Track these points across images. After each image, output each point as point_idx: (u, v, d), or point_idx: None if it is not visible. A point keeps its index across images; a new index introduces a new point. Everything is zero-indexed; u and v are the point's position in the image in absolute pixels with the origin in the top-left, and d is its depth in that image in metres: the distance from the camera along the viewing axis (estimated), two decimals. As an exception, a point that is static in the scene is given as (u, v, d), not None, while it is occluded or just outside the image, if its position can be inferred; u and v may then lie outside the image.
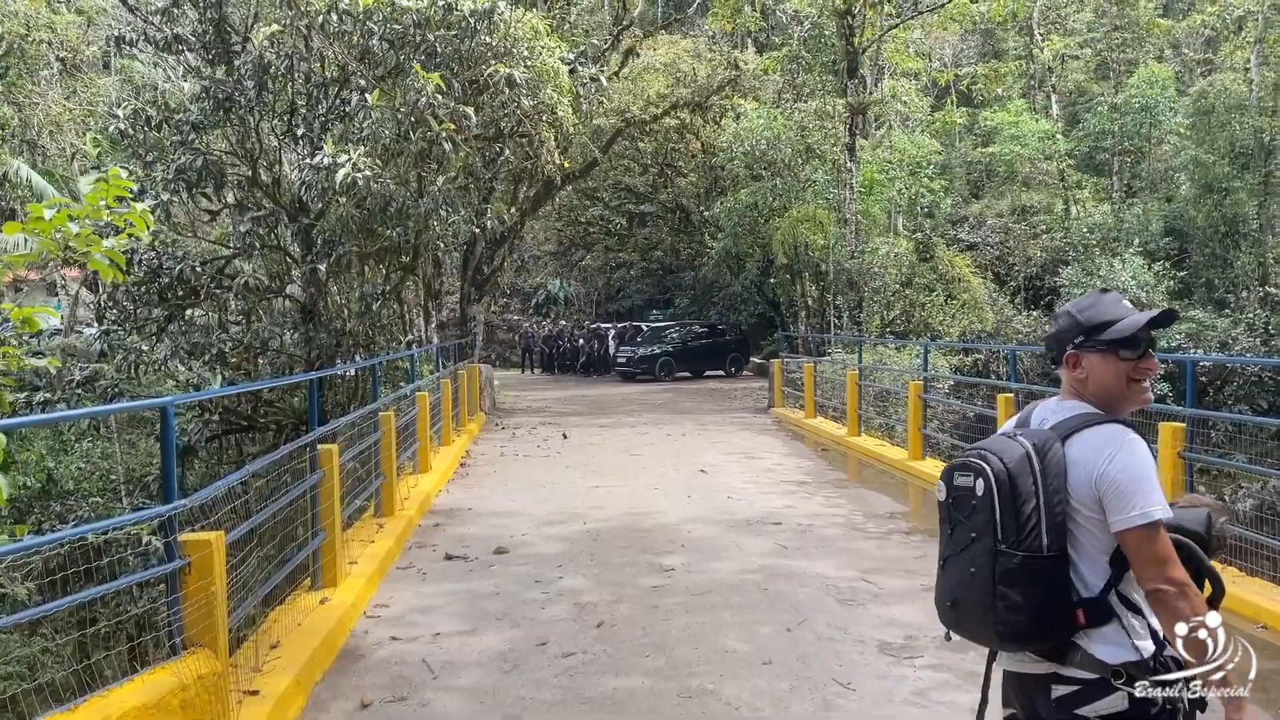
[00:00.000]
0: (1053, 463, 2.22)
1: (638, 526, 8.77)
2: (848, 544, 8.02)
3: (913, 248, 25.30)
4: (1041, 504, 2.18)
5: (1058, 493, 2.20)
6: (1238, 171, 27.37)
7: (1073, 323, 2.37)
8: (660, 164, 31.23)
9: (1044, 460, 2.22)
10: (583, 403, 22.30)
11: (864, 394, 15.18)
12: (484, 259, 20.86)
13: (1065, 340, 2.37)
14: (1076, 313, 2.38)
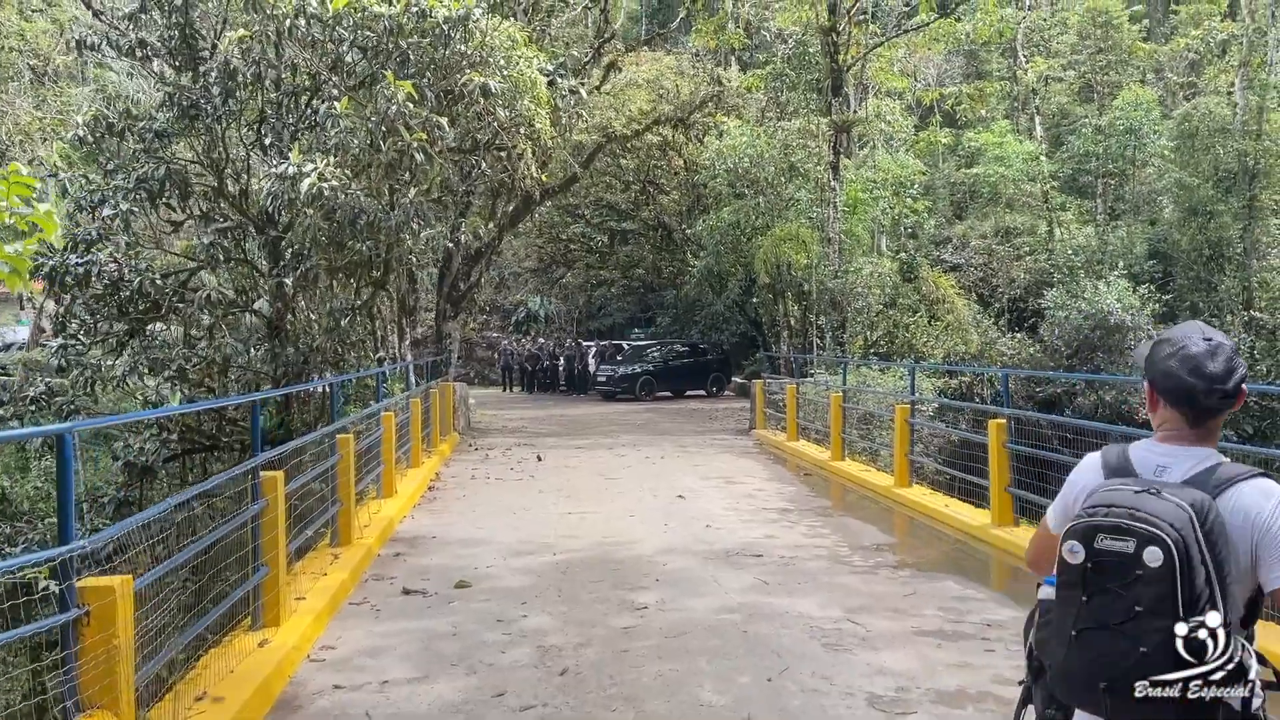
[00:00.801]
0: (1216, 526, 2.05)
1: (611, 558, 8.28)
2: (832, 579, 7.55)
3: (896, 268, 25.03)
4: (1211, 574, 2.02)
5: (1225, 562, 2.05)
6: (1222, 195, 27.27)
7: (1238, 363, 2.23)
8: (642, 181, 30.89)
9: (1205, 524, 2.04)
10: (561, 423, 21.80)
11: (847, 417, 14.76)
12: (460, 275, 20.37)
13: (1239, 381, 2.22)
14: (1235, 352, 2.24)
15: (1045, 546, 2.44)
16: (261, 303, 14.77)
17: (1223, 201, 27.18)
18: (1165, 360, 2.23)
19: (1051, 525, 2.42)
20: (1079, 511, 2.14)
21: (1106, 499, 2.12)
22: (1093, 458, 2.37)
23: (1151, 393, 2.30)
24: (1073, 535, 2.11)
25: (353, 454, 8.46)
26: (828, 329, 23.53)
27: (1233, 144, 27.08)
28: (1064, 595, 2.13)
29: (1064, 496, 2.40)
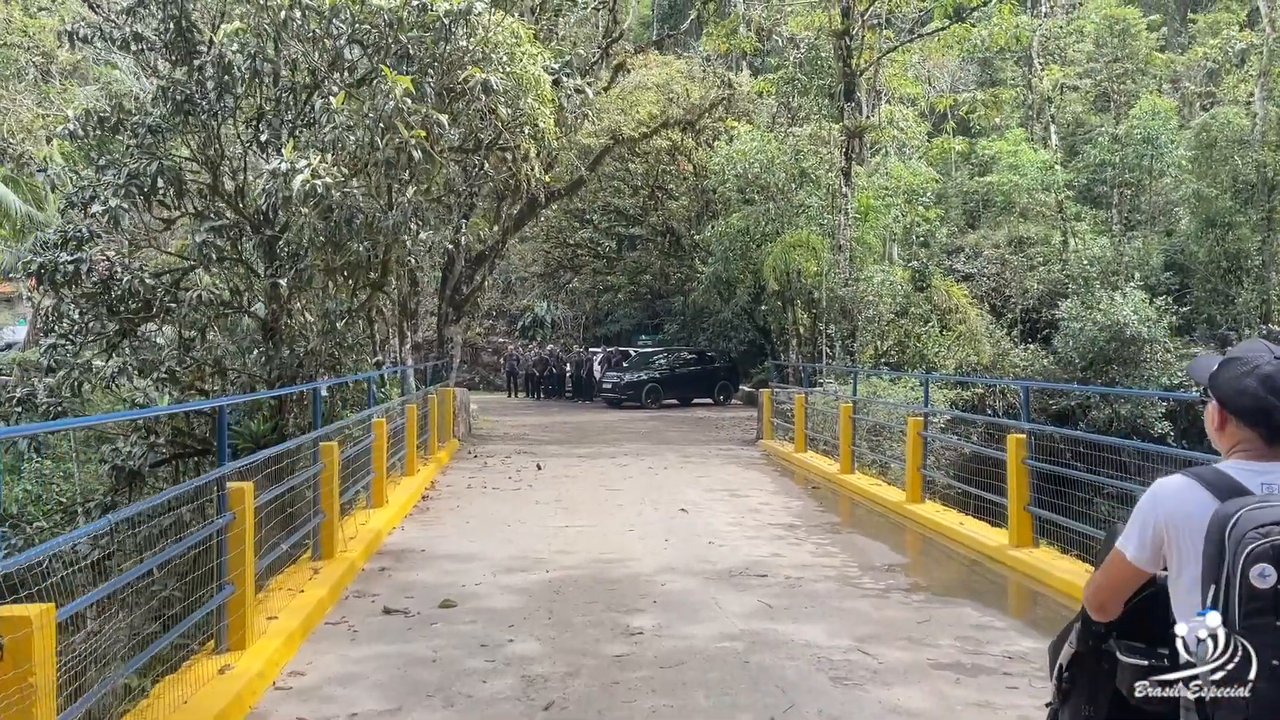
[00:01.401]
0: None
1: (606, 576, 7.85)
2: (841, 603, 7.10)
3: (908, 277, 24.56)
4: None
5: None
6: (1240, 206, 26.75)
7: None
8: (651, 186, 30.53)
9: None
10: (564, 430, 21.38)
11: (857, 428, 14.31)
12: (463, 278, 19.99)
13: None
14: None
15: (1121, 581, 2.31)
16: (258, 304, 14.42)
17: (1241, 213, 26.67)
18: (1240, 380, 2.19)
19: (1133, 558, 2.27)
20: (1251, 532, 2.01)
21: (1270, 517, 2.01)
22: (1181, 483, 2.22)
23: (1221, 412, 2.24)
24: (1261, 559, 1.99)
25: (337, 462, 8.04)
26: (837, 338, 23.08)
27: (1252, 155, 26.55)
28: (1251, 625, 2.01)
29: (1145, 526, 2.25)
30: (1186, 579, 2.18)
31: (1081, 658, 2.48)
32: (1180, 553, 2.19)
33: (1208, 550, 2.09)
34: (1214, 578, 2.06)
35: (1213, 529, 2.08)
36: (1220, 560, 2.05)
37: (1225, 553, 2.04)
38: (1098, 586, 2.35)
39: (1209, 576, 2.08)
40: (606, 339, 37.96)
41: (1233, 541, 2.03)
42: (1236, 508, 2.07)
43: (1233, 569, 2.02)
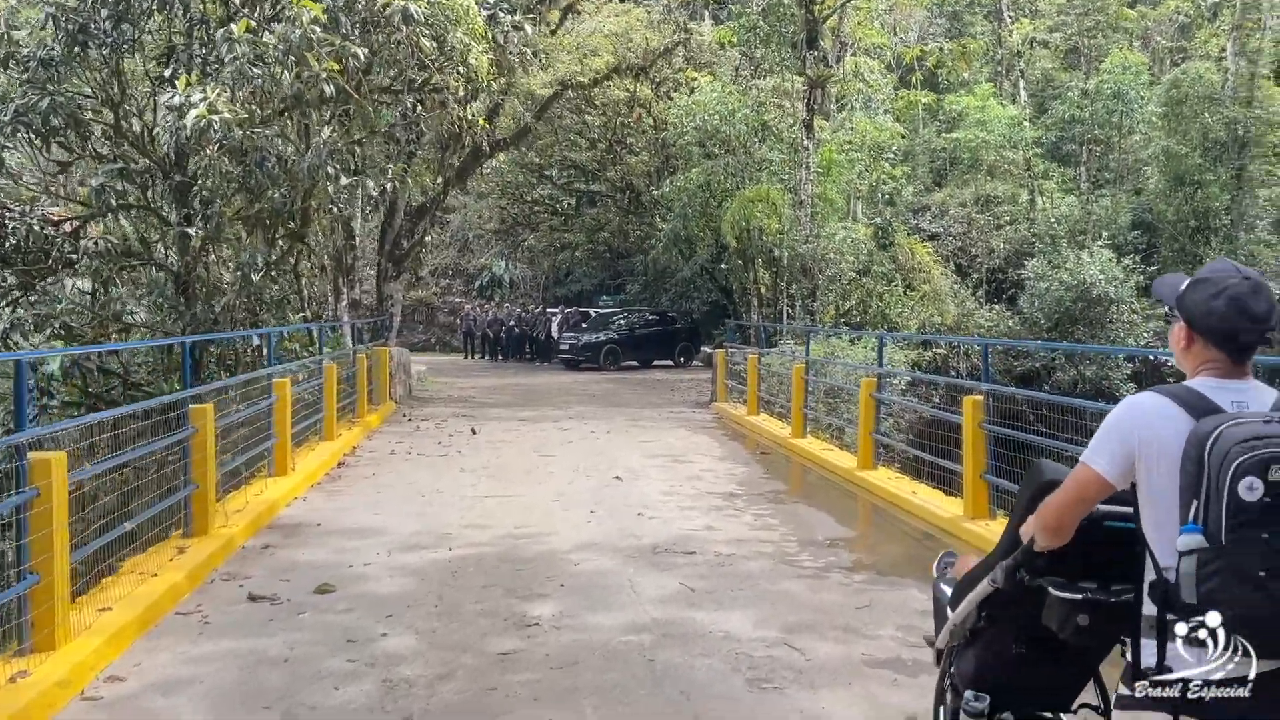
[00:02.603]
0: None
1: (516, 555, 7.01)
2: (773, 584, 6.31)
3: (871, 234, 23.77)
4: None
5: None
6: (1210, 164, 26.09)
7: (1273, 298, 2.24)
8: (609, 140, 29.40)
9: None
10: (513, 392, 20.48)
11: (812, 390, 13.54)
12: (404, 232, 18.94)
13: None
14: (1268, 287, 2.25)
15: (1088, 498, 2.27)
16: (172, 256, 13.38)
17: (1211, 171, 26.02)
18: (1209, 301, 2.20)
19: (1104, 471, 2.23)
20: (1235, 448, 2.02)
21: (1249, 433, 2.05)
22: (1157, 400, 2.21)
23: (1189, 332, 2.26)
24: (1248, 472, 2.02)
25: (212, 427, 7.12)
26: (798, 297, 22.29)
27: (1222, 111, 25.90)
28: (1240, 537, 2.03)
29: (1119, 442, 2.22)
30: (1158, 495, 2.16)
31: (1002, 595, 2.45)
32: (1152, 470, 2.17)
33: (1187, 467, 2.08)
34: (1195, 493, 2.06)
35: (1191, 446, 2.08)
36: (1200, 476, 2.05)
37: (1205, 469, 2.05)
38: (1060, 505, 2.27)
39: (1189, 493, 2.07)
40: (567, 299, 36.95)
41: (1215, 457, 2.04)
42: (1214, 425, 2.08)
43: (1218, 483, 2.03)
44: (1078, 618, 2.30)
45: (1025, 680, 2.68)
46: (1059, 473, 2.47)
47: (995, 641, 2.63)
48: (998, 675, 2.66)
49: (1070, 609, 2.31)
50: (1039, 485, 2.47)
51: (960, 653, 2.77)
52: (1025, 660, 2.62)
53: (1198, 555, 2.04)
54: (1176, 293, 2.28)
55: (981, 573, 2.58)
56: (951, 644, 2.80)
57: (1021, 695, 2.70)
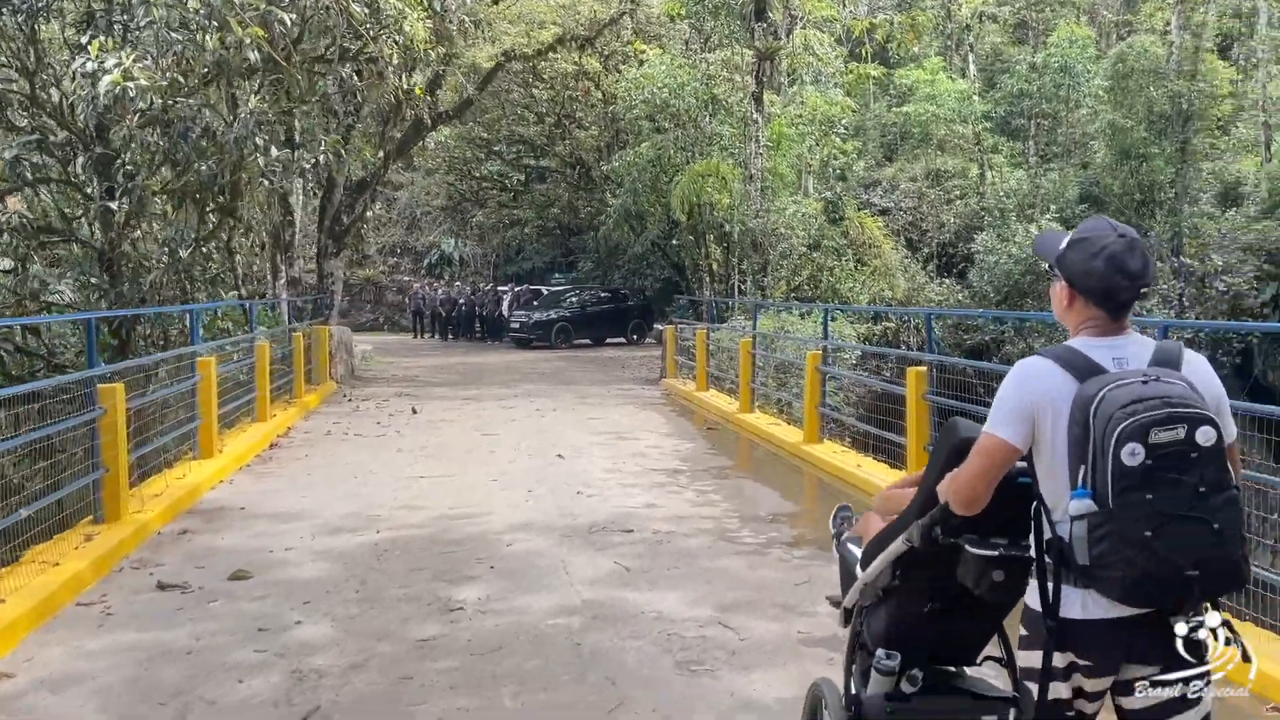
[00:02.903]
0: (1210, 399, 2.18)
1: (447, 536, 6.74)
2: (711, 561, 6.12)
3: (822, 209, 23.66)
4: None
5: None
6: (1155, 138, 26.29)
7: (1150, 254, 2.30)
8: (558, 114, 28.96)
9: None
10: (460, 371, 20.12)
11: (762, 365, 13.38)
12: (344, 207, 18.44)
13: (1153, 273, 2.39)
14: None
15: (999, 467, 2.25)
16: (96, 231, 12.84)
17: (1156, 145, 26.21)
18: (1089, 260, 2.23)
19: (1010, 438, 2.23)
20: (1117, 413, 2.06)
21: (1130, 395, 2.08)
22: (1044, 364, 2.24)
23: (1070, 291, 2.28)
24: (1130, 438, 2.05)
25: (122, 408, 6.75)
26: (750, 272, 22.14)
27: (1167, 85, 26.05)
28: (1126, 501, 2.07)
29: (1016, 407, 2.24)
30: (1050, 459, 2.20)
31: (916, 554, 2.46)
32: (1045, 433, 2.19)
33: (1074, 431, 2.11)
34: (1082, 458, 2.10)
35: (1077, 410, 2.12)
36: (1086, 440, 2.09)
37: (1091, 432, 2.08)
38: (971, 477, 2.25)
39: (1077, 457, 2.11)
40: (518, 277, 36.49)
41: (1100, 422, 2.07)
42: (1098, 388, 2.11)
43: (1103, 448, 2.06)
44: (993, 574, 2.32)
45: (937, 636, 2.72)
46: (974, 430, 2.47)
47: (908, 599, 2.64)
48: (909, 633, 2.67)
49: (985, 565, 2.32)
50: (954, 444, 2.45)
51: (871, 611, 2.78)
52: (937, 617, 2.65)
53: (1089, 519, 2.09)
54: (1056, 252, 2.30)
55: (895, 532, 2.58)
56: (862, 603, 2.81)
57: (932, 651, 2.74)
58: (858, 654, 2.87)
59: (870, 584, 2.71)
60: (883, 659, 2.64)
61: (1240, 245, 23.97)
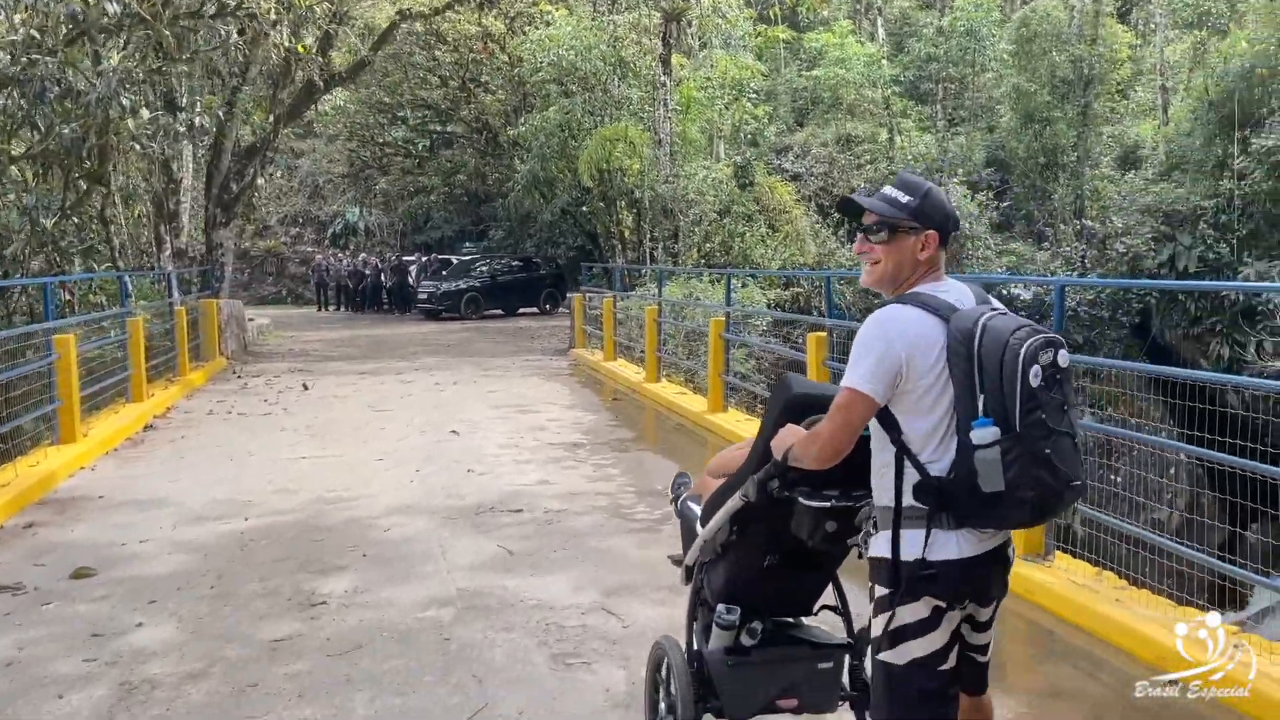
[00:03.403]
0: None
1: (320, 523, 6.30)
2: (601, 541, 5.81)
3: (733, 174, 23.43)
4: None
5: None
6: (1058, 102, 26.66)
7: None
8: (462, 78, 28.10)
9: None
10: (362, 344, 19.43)
11: (672, 333, 13.10)
12: (232, 174, 17.52)
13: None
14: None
15: (861, 422, 2.28)
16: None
17: (1058, 108, 26.57)
18: (946, 205, 2.38)
19: (871, 392, 2.23)
20: (1011, 339, 2.14)
21: (1009, 324, 2.17)
22: (908, 312, 2.27)
23: (935, 239, 2.34)
24: (1033, 360, 2.13)
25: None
26: (661, 239, 21.83)
27: (1069, 49, 26.39)
28: (1030, 421, 2.13)
29: (883, 360, 2.22)
30: (920, 401, 2.22)
31: (753, 508, 2.50)
32: (914, 378, 2.20)
33: (959, 365, 2.16)
34: (972, 389, 2.15)
35: (958, 345, 2.17)
36: (972, 371, 2.15)
37: (983, 362, 2.14)
38: (835, 432, 2.26)
39: (967, 389, 2.15)
40: (427, 246, 35.58)
41: (991, 350, 2.14)
42: (973, 321, 2.19)
43: (1008, 374, 2.12)
44: (826, 524, 2.38)
45: (775, 589, 2.79)
46: (805, 385, 2.58)
47: (746, 554, 2.68)
48: (748, 587, 2.72)
49: (819, 517, 2.38)
50: (787, 399, 2.51)
51: (711, 568, 2.81)
52: (775, 570, 2.71)
53: (1000, 445, 2.12)
54: (909, 206, 2.33)
55: (732, 487, 2.61)
56: (702, 559, 2.83)
57: (771, 604, 2.81)
58: (699, 610, 2.91)
59: (709, 540, 2.71)
60: (723, 614, 2.69)
61: (1139, 207, 24.42)
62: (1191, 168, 23.44)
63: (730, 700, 2.75)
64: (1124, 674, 3.93)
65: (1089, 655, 4.15)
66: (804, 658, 2.80)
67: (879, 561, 2.27)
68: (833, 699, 2.87)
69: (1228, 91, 22.48)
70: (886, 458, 2.26)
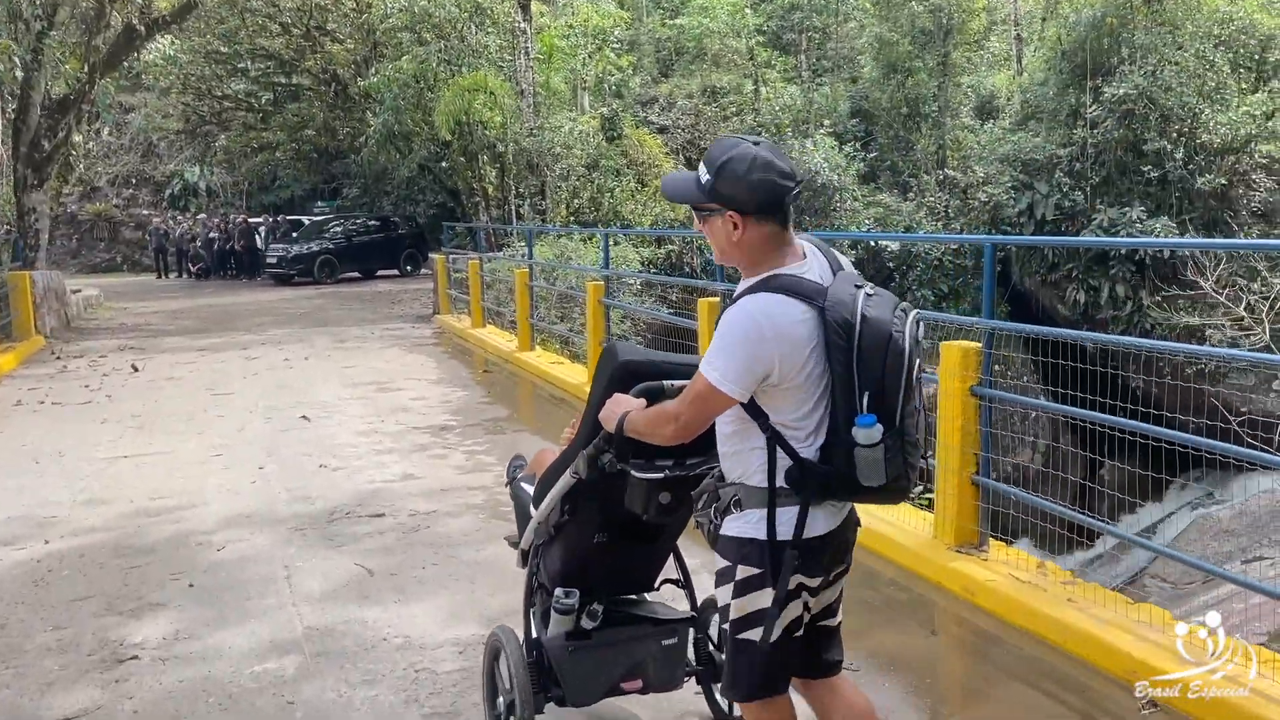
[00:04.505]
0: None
1: (137, 542, 5.29)
2: (477, 551, 5.02)
3: (599, 126, 22.57)
4: None
5: None
6: (919, 52, 26.74)
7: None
8: (306, 25, 26.16)
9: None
10: (203, 315, 17.83)
11: (542, 296, 12.28)
12: (43, 131, 15.62)
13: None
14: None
15: (716, 414, 2.18)
16: None
17: (919, 58, 26.66)
18: (747, 176, 2.10)
19: (730, 391, 2.08)
20: (894, 334, 2.02)
21: (883, 310, 2.05)
22: (777, 301, 2.08)
23: (741, 218, 2.13)
24: (912, 353, 2.05)
25: None
26: (527, 195, 20.86)
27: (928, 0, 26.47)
28: (907, 411, 2.05)
29: (753, 358, 2.06)
30: (794, 392, 2.10)
31: (585, 485, 2.44)
32: (788, 369, 2.08)
33: (838, 358, 2.03)
34: (852, 383, 2.03)
35: (837, 338, 2.03)
36: (851, 363, 2.02)
37: (864, 355, 2.02)
38: (690, 421, 2.15)
39: (847, 384, 2.03)
40: (275, 207, 33.43)
41: (873, 342, 2.01)
42: (850, 311, 2.03)
43: (890, 369, 2.01)
44: (659, 496, 2.31)
45: (613, 567, 2.68)
46: (632, 353, 2.47)
47: (579, 533, 2.60)
48: (585, 567, 2.64)
49: (652, 488, 2.31)
50: (614, 370, 2.41)
51: (546, 550, 2.73)
52: (611, 547, 2.61)
53: (883, 443, 2.03)
54: (703, 186, 2.16)
55: (562, 466, 2.53)
56: (536, 542, 2.75)
57: (610, 583, 2.71)
58: (537, 595, 2.82)
59: (543, 522, 2.63)
60: (561, 598, 2.60)
61: (998, 157, 24.82)
62: (1046, 117, 23.87)
63: (573, 688, 2.66)
64: (1092, 693, 3.43)
65: (1048, 671, 3.64)
66: (648, 636, 2.72)
67: (746, 542, 2.16)
68: (678, 675, 2.80)
69: (1079, 41, 22.90)
70: (757, 441, 2.14)
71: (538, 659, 2.69)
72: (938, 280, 22.90)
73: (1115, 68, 21.96)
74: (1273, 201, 21.54)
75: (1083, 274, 21.35)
